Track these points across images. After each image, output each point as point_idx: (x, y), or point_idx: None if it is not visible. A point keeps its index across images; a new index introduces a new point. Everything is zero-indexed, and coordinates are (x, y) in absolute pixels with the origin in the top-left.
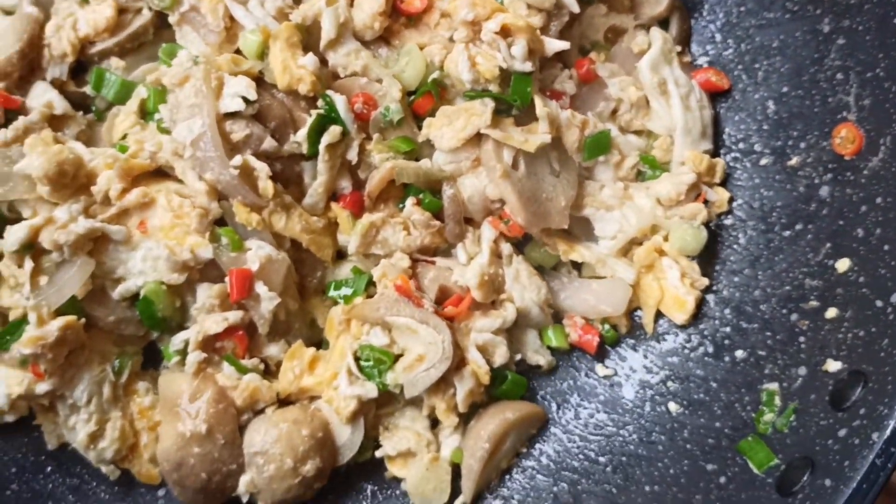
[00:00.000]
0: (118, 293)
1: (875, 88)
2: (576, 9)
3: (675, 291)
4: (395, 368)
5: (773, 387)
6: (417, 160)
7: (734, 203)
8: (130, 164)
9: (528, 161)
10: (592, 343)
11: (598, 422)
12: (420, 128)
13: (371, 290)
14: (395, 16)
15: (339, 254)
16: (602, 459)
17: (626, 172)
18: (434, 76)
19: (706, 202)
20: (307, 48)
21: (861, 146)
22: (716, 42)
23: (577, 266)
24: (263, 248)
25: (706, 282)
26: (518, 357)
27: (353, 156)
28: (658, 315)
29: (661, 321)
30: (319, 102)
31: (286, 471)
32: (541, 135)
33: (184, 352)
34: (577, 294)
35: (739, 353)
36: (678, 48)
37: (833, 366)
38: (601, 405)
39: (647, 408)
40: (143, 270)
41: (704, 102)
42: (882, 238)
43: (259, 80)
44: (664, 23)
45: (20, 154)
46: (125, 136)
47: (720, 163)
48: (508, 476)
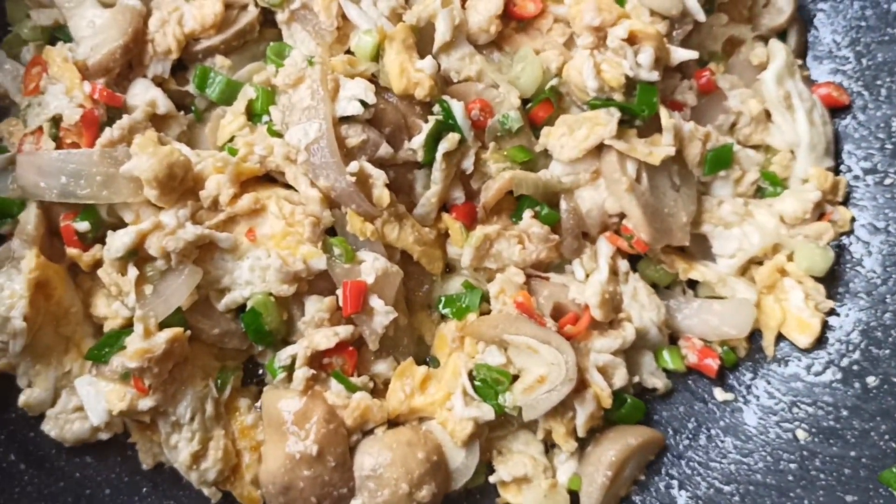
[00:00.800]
0: (223, 304)
1: None
2: (702, 17)
3: (799, 314)
4: (513, 389)
5: None
6: (533, 170)
7: (856, 223)
8: (240, 169)
9: (650, 174)
10: (713, 367)
11: (721, 449)
12: (536, 136)
13: (483, 306)
14: (506, 20)
15: (447, 266)
16: (727, 488)
17: (746, 188)
18: (552, 83)
19: (831, 221)
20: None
21: None
22: (834, 56)
23: (691, 284)
24: (379, 260)
25: (831, 304)
26: (635, 380)
27: (469, 165)
28: (779, 337)
29: (782, 344)
30: (435, 108)
31: (401, 496)
32: (665, 147)
33: (290, 368)
34: (698, 315)
35: (871, 380)
36: (799, 62)
37: None
38: (721, 431)
39: (773, 434)
40: (251, 281)
41: (826, 118)
42: None
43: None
44: (781, 35)
45: (125, 154)
46: (232, 139)
47: (843, 181)
48: None
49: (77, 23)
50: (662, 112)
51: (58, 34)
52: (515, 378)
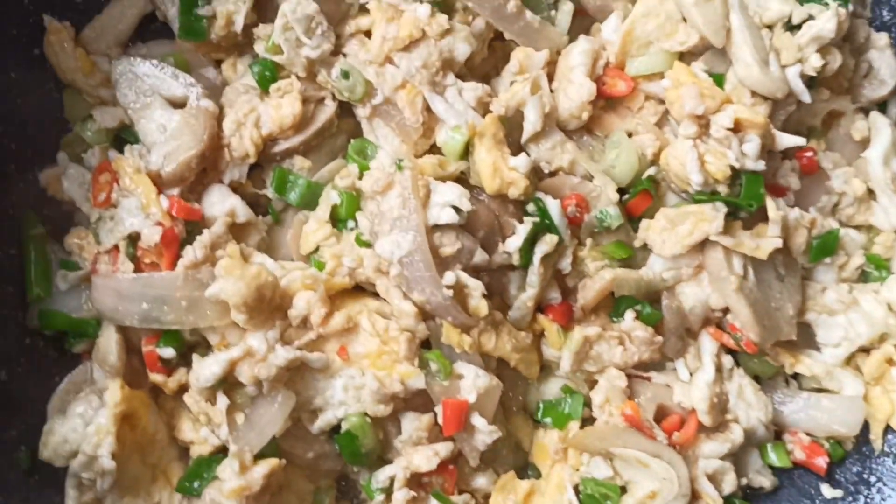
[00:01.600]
0: (317, 427)
1: None
2: (807, 98)
3: None
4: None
5: None
6: (632, 266)
7: None
8: (330, 284)
9: (756, 267)
10: (822, 466)
11: None
12: (634, 228)
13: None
14: (596, 100)
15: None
16: None
17: (851, 273)
18: (650, 172)
19: None
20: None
21: None
22: None
23: (794, 375)
24: (480, 378)
25: None
26: (742, 481)
27: (567, 265)
28: (887, 430)
29: (890, 436)
30: (529, 206)
31: None
32: (773, 239)
33: (389, 489)
34: (805, 410)
35: None
36: None
37: None
38: None
39: None
40: (345, 401)
41: None
42: None
43: (461, 182)
44: (882, 105)
45: (210, 276)
46: (317, 249)
47: None
48: None
49: (146, 126)
50: (769, 202)
51: (124, 135)
52: (623, 490)
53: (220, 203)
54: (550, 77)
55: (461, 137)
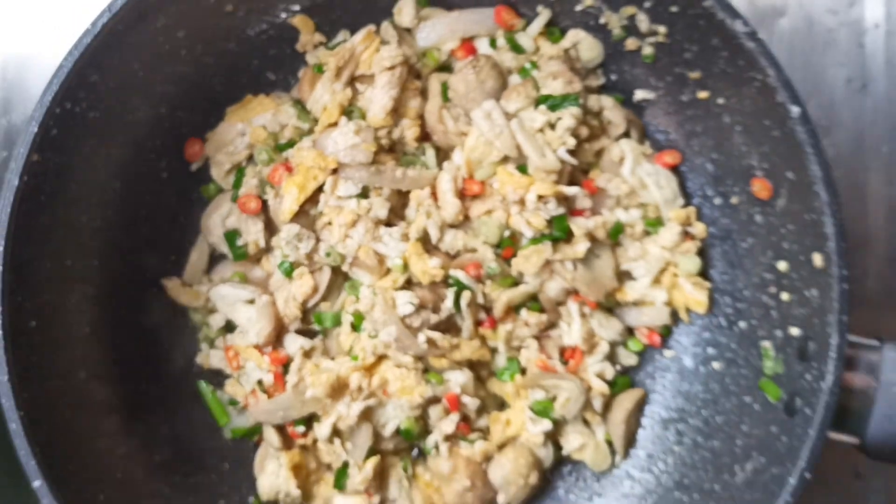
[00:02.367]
0: (388, 432)
1: (770, 155)
2: (574, 162)
3: (693, 295)
4: (556, 407)
5: (767, 344)
6: (516, 285)
7: (710, 230)
8: (365, 364)
9: (578, 262)
10: (657, 341)
11: (677, 386)
12: (510, 265)
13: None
14: (463, 199)
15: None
16: (688, 406)
17: (639, 235)
18: (506, 234)
19: (693, 238)
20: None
21: (772, 192)
22: (665, 132)
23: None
24: (459, 377)
25: (709, 284)
26: (618, 368)
27: (481, 300)
28: (688, 311)
29: (691, 315)
30: (450, 280)
31: (526, 483)
32: (582, 245)
33: (436, 446)
34: (639, 317)
35: (742, 324)
36: (643, 147)
37: (795, 331)
38: (675, 375)
39: (702, 369)
40: (395, 415)
41: (669, 177)
42: (799, 250)
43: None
44: (626, 134)
45: (305, 386)
46: (351, 348)
47: (692, 209)
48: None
49: (238, 317)
50: (573, 226)
51: (230, 326)
52: (553, 399)
53: (293, 344)
54: (436, 197)
55: (400, 262)
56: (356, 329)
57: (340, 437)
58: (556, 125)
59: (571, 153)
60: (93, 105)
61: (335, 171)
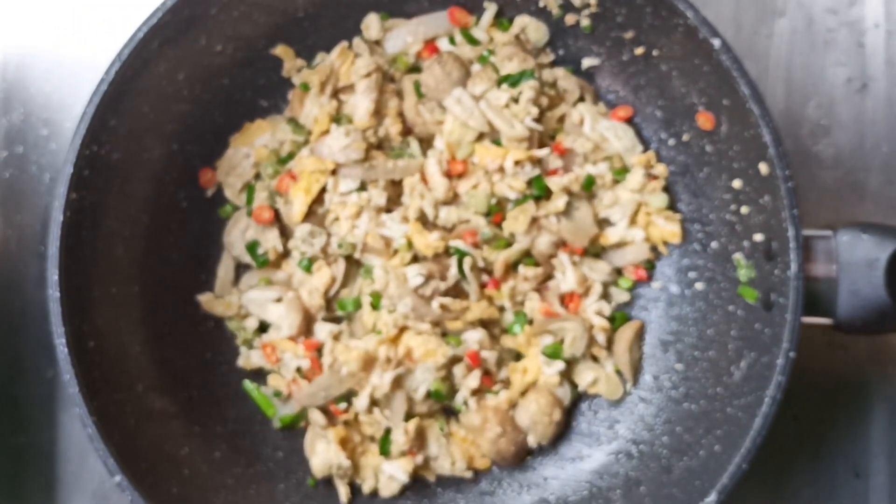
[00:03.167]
0: (419, 396)
1: (706, 89)
2: (540, 128)
3: (666, 228)
4: (565, 348)
5: (738, 255)
6: (510, 245)
7: (670, 168)
8: (389, 336)
9: (560, 216)
10: (644, 275)
11: (668, 312)
12: (501, 229)
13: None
14: (450, 178)
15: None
16: (681, 327)
17: (610, 183)
18: (493, 202)
19: (657, 178)
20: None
21: (714, 122)
22: (614, 91)
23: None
24: (473, 335)
25: (678, 216)
26: (613, 304)
27: (482, 264)
28: (665, 244)
29: (669, 246)
30: (451, 251)
31: (550, 420)
32: (560, 200)
33: (465, 402)
34: (623, 257)
35: (714, 244)
36: (598, 108)
37: (758, 237)
38: (665, 302)
39: (688, 292)
40: (424, 380)
41: (626, 129)
42: (747, 166)
43: (416, 258)
44: (582, 97)
45: (340, 366)
46: (374, 325)
47: (651, 153)
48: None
49: (270, 316)
50: (550, 184)
51: (262, 325)
52: (562, 341)
53: (322, 331)
54: (426, 181)
55: (404, 241)
56: (376, 307)
57: (379, 406)
58: (519, 99)
59: (537, 121)
60: (114, 147)
61: (334, 172)
